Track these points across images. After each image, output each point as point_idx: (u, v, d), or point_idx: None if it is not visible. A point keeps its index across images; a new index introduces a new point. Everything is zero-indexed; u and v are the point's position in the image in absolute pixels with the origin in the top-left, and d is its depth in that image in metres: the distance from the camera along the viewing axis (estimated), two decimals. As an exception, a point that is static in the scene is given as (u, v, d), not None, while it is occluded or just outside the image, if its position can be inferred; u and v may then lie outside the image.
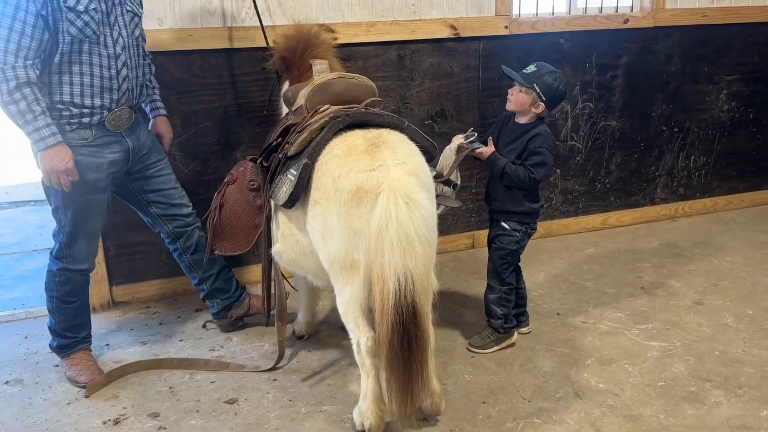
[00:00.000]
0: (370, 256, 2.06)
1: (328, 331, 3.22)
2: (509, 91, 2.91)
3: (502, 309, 3.03)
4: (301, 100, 2.47)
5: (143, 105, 2.97)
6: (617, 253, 4.12)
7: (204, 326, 3.30)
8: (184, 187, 3.15)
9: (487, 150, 2.84)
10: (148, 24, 3.29)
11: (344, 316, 2.29)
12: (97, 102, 2.55)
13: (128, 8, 2.65)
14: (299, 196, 2.25)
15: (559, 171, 4.33)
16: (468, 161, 3.06)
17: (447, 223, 4.14)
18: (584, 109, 4.27)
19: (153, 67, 2.99)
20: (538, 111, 2.85)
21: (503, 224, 2.96)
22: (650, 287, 3.64)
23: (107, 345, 3.17)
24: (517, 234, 2.96)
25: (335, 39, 3.59)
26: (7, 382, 2.87)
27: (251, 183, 2.59)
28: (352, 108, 2.35)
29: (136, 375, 2.90)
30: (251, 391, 2.76)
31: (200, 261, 3.00)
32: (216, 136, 3.57)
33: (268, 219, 2.52)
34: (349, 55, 3.68)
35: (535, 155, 2.83)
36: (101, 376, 2.81)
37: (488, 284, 3.04)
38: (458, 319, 3.33)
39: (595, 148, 4.38)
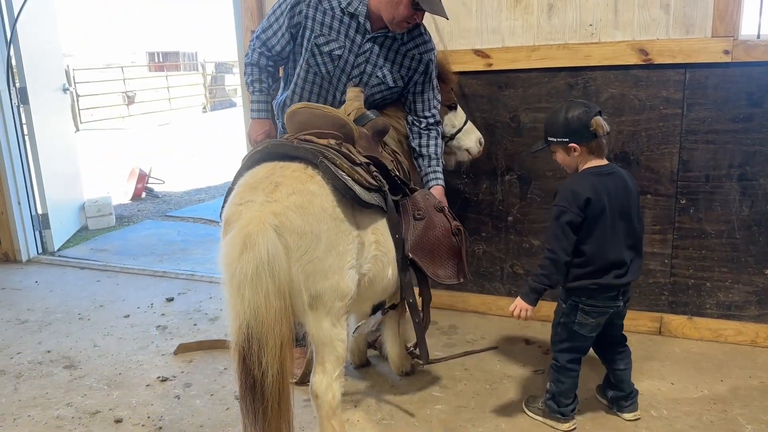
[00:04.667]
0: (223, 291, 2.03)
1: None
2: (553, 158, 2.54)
3: (551, 386, 2.53)
4: (288, 128, 2.49)
5: (420, 173, 2.96)
6: None
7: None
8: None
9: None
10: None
11: None
12: None
13: (379, 74, 2.77)
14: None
15: (819, 260, 2.96)
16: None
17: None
18: None
19: (439, 139, 2.93)
20: (578, 154, 2.39)
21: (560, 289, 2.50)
22: None
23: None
24: (564, 306, 2.45)
25: (490, 65, 3.30)
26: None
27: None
28: (288, 139, 2.25)
29: (222, 351, 3.33)
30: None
31: None
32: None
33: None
34: (507, 82, 3.31)
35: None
36: (193, 342, 3.35)
37: None
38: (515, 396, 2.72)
39: None
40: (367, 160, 2.30)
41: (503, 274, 3.57)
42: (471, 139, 3.11)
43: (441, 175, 2.91)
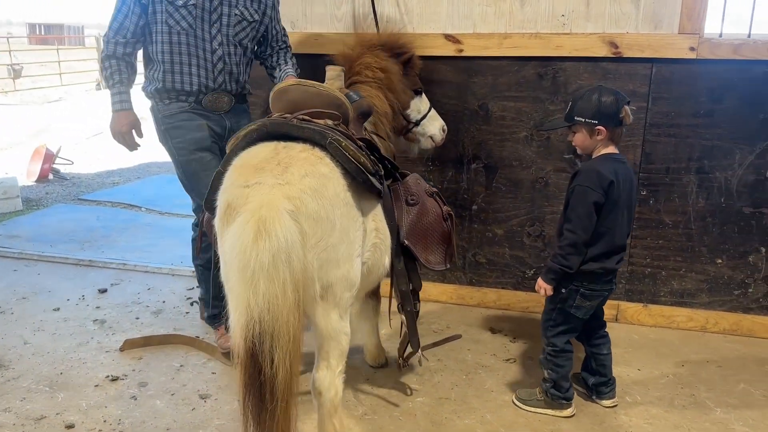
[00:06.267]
0: (227, 281, 1.83)
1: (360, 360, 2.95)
2: (569, 139, 2.50)
3: (549, 373, 2.53)
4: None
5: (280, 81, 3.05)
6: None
7: (191, 303, 3.55)
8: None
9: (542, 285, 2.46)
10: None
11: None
12: (194, 87, 2.79)
13: (237, 12, 2.82)
14: (213, 204, 2.10)
15: (765, 250, 3.14)
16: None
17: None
18: (821, 171, 3.01)
19: (289, 55, 3.11)
20: (601, 137, 2.36)
21: None
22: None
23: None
24: (563, 291, 2.44)
25: (461, 51, 3.24)
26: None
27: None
28: (285, 117, 2.08)
29: (175, 347, 3.09)
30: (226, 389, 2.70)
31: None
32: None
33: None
34: (477, 69, 3.27)
35: (568, 210, 2.37)
36: (139, 338, 3.08)
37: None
38: (497, 391, 2.70)
39: (835, 228, 3.05)
40: (361, 143, 2.17)
41: (466, 263, 3.54)
42: (435, 126, 3.03)
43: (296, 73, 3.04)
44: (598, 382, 2.63)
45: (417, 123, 2.96)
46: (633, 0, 3.03)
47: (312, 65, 3.44)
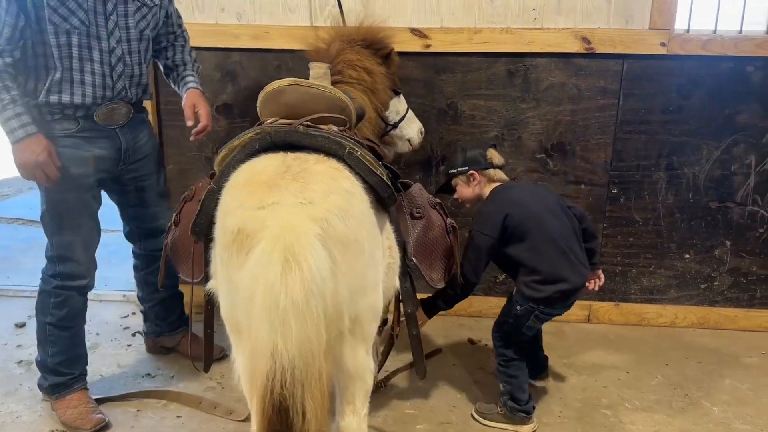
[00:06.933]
0: (247, 322, 1.52)
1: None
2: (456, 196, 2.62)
3: (504, 385, 2.44)
4: (258, 110, 2.00)
5: (177, 87, 2.66)
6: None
7: (133, 334, 3.18)
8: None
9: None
10: (226, 18, 3.11)
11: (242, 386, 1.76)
12: (88, 99, 2.29)
13: None
14: (203, 227, 1.77)
15: (729, 243, 3.19)
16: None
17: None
18: (779, 165, 3.09)
19: (187, 47, 2.68)
20: (476, 181, 2.51)
21: (515, 291, 2.44)
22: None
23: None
24: (518, 308, 2.38)
25: (428, 46, 3.04)
26: None
27: (199, 201, 2.16)
28: (291, 124, 1.80)
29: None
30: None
31: (154, 283, 2.64)
32: (288, 144, 3.25)
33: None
34: (445, 66, 3.08)
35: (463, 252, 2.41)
36: (118, 395, 2.62)
37: None
38: (504, 413, 2.54)
39: (792, 219, 3.14)
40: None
41: (435, 271, 3.35)
42: (413, 129, 2.82)
43: (197, 79, 2.64)
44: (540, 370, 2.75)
45: (395, 125, 2.72)
46: (604, -6, 2.97)
47: (261, 61, 3.15)
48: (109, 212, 2.68)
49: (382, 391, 2.62)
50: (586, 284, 2.46)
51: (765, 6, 3.05)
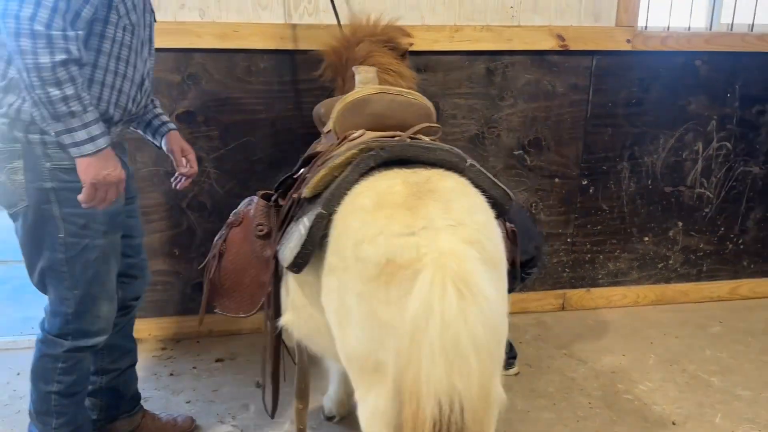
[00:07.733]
0: (402, 362, 1.33)
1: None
2: None
3: None
4: (331, 122, 1.81)
5: (148, 121, 2.22)
6: (751, 337, 3.19)
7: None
8: (219, 212, 2.80)
9: None
10: (187, 16, 2.77)
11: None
12: (118, 112, 1.88)
13: (151, 8, 2.01)
14: (308, 258, 1.55)
15: (681, 224, 3.46)
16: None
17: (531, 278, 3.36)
18: (720, 150, 3.39)
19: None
20: None
21: None
22: (804, 392, 2.72)
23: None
24: None
25: (411, 45, 2.93)
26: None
27: (259, 228, 1.84)
28: (394, 137, 1.64)
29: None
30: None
31: (115, 346, 2.23)
32: (259, 152, 2.98)
33: (279, 278, 1.83)
34: (427, 65, 3.00)
35: None
36: None
37: None
38: (531, 408, 2.54)
39: (729, 198, 3.47)
40: None
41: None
42: None
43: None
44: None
45: None
46: (575, -8, 3.05)
47: (228, 63, 2.87)
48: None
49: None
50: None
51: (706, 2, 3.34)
